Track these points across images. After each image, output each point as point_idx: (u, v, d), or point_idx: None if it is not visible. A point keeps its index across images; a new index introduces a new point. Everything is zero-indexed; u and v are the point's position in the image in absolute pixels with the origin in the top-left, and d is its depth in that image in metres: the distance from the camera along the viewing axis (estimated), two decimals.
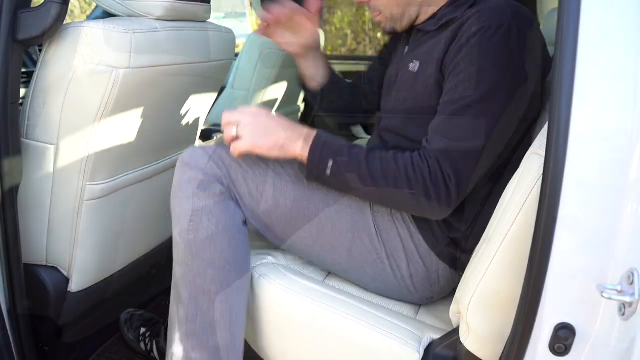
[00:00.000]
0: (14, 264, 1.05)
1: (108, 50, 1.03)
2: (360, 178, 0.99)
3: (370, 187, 0.99)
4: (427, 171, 0.96)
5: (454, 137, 0.95)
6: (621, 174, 0.69)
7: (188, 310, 1.01)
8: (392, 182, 0.97)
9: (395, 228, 1.09)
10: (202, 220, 1.00)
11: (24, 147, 1.09)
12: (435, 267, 1.09)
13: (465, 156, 0.95)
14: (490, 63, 0.94)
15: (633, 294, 0.64)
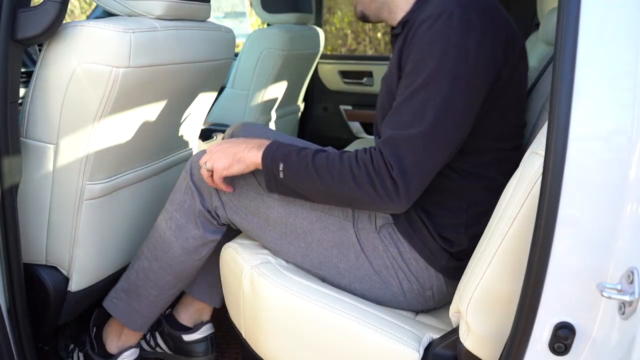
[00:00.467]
0: (13, 264, 1.05)
1: (108, 49, 1.03)
2: (309, 178, 1.00)
3: (321, 187, 0.99)
4: (370, 162, 0.95)
5: (397, 126, 0.95)
6: (621, 173, 0.69)
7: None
8: (337, 178, 0.97)
9: (382, 245, 1.08)
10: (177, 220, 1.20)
11: (24, 146, 1.09)
12: (429, 284, 1.08)
13: (406, 142, 0.93)
14: (430, 50, 0.93)
15: (633, 293, 0.64)
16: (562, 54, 0.70)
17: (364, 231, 1.09)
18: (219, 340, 1.54)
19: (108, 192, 1.22)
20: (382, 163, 0.94)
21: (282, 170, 1.02)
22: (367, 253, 1.08)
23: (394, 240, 1.07)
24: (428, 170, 0.95)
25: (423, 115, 0.92)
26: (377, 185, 0.94)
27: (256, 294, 1.07)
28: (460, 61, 0.92)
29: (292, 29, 2.18)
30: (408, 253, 1.07)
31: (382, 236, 1.08)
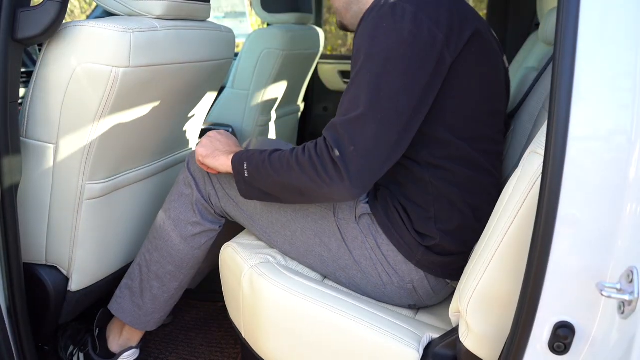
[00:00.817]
0: (13, 264, 1.05)
1: (108, 49, 1.03)
2: (266, 173, 1.04)
3: (276, 179, 1.02)
4: (314, 148, 0.98)
5: (338, 113, 0.98)
6: (620, 173, 0.69)
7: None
8: (285, 167, 1.00)
9: (361, 235, 1.09)
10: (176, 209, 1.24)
11: (24, 146, 1.09)
12: (408, 277, 1.09)
13: (344, 125, 0.95)
14: (363, 39, 0.97)
15: (632, 293, 0.64)
16: (562, 54, 0.70)
17: (344, 221, 1.10)
18: (218, 340, 1.54)
19: (108, 192, 1.22)
20: (323, 147, 0.96)
21: (247, 169, 1.07)
22: (348, 243, 1.10)
23: (372, 232, 1.09)
24: (368, 151, 0.94)
25: (359, 99, 0.94)
26: (319, 169, 0.96)
27: (256, 293, 1.07)
28: (391, 43, 0.93)
29: (292, 29, 2.18)
30: (386, 245, 1.08)
31: (362, 226, 1.09)
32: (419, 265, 1.07)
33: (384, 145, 0.95)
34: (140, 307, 1.29)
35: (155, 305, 1.29)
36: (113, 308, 1.31)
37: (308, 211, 1.12)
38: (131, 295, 1.29)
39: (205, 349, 1.50)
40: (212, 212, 1.24)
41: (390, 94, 0.94)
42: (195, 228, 1.23)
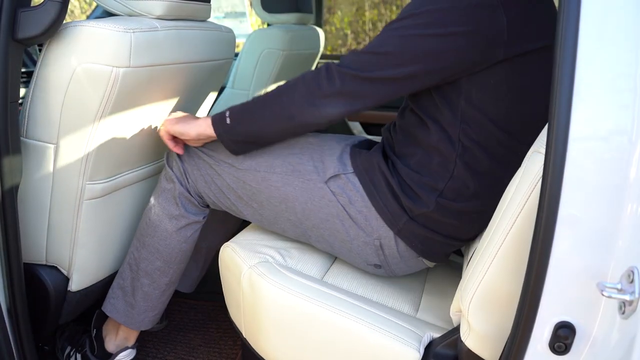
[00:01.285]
0: (13, 264, 1.05)
1: (108, 49, 1.03)
2: (252, 109, 1.08)
3: (265, 112, 1.06)
4: (314, 69, 1.02)
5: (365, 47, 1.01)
6: (621, 173, 0.69)
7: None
8: (276, 94, 1.05)
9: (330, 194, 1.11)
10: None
11: (24, 146, 1.09)
12: (377, 233, 1.09)
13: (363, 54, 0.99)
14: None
15: (633, 293, 0.64)
16: (562, 54, 0.70)
17: (311, 182, 1.12)
18: (216, 340, 1.54)
19: (108, 192, 1.22)
20: (323, 66, 1.02)
21: (228, 116, 1.10)
22: (314, 202, 1.12)
23: (346, 191, 1.10)
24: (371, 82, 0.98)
25: (388, 42, 0.97)
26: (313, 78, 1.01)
27: (255, 293, 1.07)
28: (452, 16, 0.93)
29: (292, 29, 2.18)
30: (360, 203, 1.09)
31: (330, 186, 1.11)
32: (399, 234, 1.08)
33: (386, 86, 0.98)
34: (133, 305, 1.29)
35: (148, 302, 1.29)
36: (107, 309, 1.31)
37: (270, 180, 1.14)
38: (123, 295, 1.29)
39: (204, 349, 1.50)
40: (195, 204, 1.25)
41: (422, 50, 0.95)
42: (180, 221, 1.24)
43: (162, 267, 1.27)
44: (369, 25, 5.69)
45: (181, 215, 1.24)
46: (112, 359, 1.32)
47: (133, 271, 1.28)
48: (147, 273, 1.27)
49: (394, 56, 0.96)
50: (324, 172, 1.11)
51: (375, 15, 5.67)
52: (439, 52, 0.95)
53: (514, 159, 1.02)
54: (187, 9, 1.21)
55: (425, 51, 0.95)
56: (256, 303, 1.07)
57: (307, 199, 1.12)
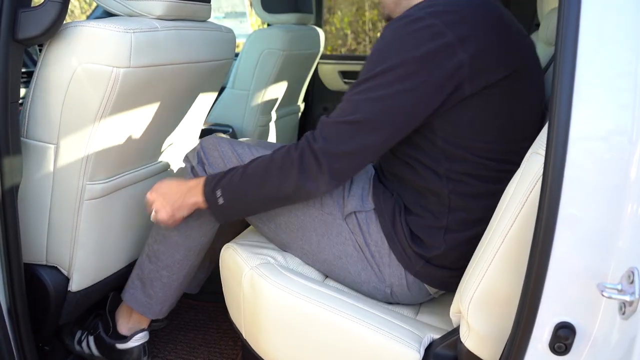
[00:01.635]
0: (14, 264, 1.05)
1: (108, 49, 1.03)
2: (245, 190, 1.06)
3: (259, 194, 1.05)
4: (293, 147, 1.01)
5: (334, 112, 0.99)
6: (621, 173, 0.69)
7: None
8: (266, 175, 1.03)
9: (347, 232, 1.09)
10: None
11: (24, 146, 1.09)
12: (389, 281, 1.08)
13: (338, 125, 0.97)
14: (384, 47, 0.95)
15: (633, 293, 0.64)
16: (562, 54, 0.70)
17: (331, 216, 1.10)
18: (217, 341, 1.54)
19: (108, 192, 1.22)
20: (304, 142, 0.99)
21: (221, 196, 1.08)
22: (330, 238, 1.10)
23: (363, 231, 1.08)
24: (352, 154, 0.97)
25: (358, 106, 0.95)
26: (298, 162, 0.99)
27: (256, 294, 1.07)
28: (409, 61, 0.92)
29: (292, 29, 2.18)
30: (374, 246, 1.08)
31: (349, 223, 1.09)
32: (417, 275, 1.07)
33: (370, 150, 0.98)
34: (151, 296, 1.31)
35: (166, 293, 1.31)
36: (126, 298, 1.33)
37: (291, 207, 1.13)
38: (142, 286, 1.31)
39: (204, 350, 1.50)
40: None
41: (392, 109, 0.94)
42: (200, 216, 1.22)
43: (181, 261, 1.28)
44: (369, 25, 5.69)
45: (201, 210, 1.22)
46: (127, 340, 1.34)
47: (153, 263, 1.29)
48: (167, 265, 1.28)
49: (368, 122, 0.95)
50: (343, 207, 1.10)
51: (375, 15, 5.67)
52: (409, 107, 0.94)
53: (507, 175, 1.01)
54: (187, 9, 1.21)
55: (396, 110, 0.94)
56: (257, 304, 1.07)
57: (324, 232, 1.11)
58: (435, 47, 0.91)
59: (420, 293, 1.11)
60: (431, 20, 0.92)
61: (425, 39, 0.92)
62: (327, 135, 0.97)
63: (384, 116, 0.95)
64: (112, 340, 1.35)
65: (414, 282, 1.08)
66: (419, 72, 0.92)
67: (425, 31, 0.92)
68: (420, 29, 0.92)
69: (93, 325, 1.40)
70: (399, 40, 0.94)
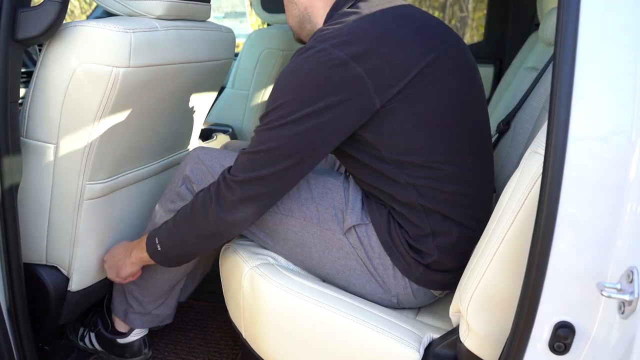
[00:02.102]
0: (13, 264, 1.05)
1: (108, 49, 1.03)
2: (176, 230, 1.10)
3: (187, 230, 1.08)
4: (212, 185, 1.05)
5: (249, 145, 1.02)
6: (620, 173, 0.69)
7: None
8: (190, 213, 1.07)
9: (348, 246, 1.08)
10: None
11: (24, 146, 1.09)
12: (395, 291, 1.08)
13: (247, 155, 1.00)
14: (285, 78, 0.98)
15: (633, 293, 0.64)
16: (562, 54, 0.70)
17: (330, 232, 1.09)
18: (217, 340, 1.54)
19: (108, 192, 1.22)
20: (220, 176, 1.04)
21: (158, 242, 1.13)
22: (331, 253, 1.09)
23: (364, 244, 1.07)
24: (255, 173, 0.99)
25: (263, 137, 0.98)
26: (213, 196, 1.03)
27: (256, 294, 1.07)
28: (312, 89, 0.94)
29: None
30: (377, 259, 1.07)
31: (349, 238, 1.08)
32: (417, 282, 1.07)
33: (284, 174, 1.00)
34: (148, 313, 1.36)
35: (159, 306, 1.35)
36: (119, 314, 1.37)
37: (288, 224, 1.12)
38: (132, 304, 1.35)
39: (204, 349, 1.50)
40: None
41: (297, 137, 0.96)
42: None
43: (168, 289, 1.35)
44: None
45: None
46: (127, 335, 1.37)
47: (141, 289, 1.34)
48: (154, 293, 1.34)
49: (274, 151, 0.97)
50: (343, 222, 1.09)
51: None
52: (313, 131, 0.96)
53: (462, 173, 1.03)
54: (187, 9, 1.21)
55: (296, 138, 0.96)
56: (257, 304, 1.07)
57: (324, 247, 1.10)
58: (330, 67, 0.93)
59: (425, 297, 1.11)
60: (322, 45, 0.94)
61: (320, 63, 0.94)
62: (239, 165, 1.01)
63: (287, 145, 0.97)
64: (112, 335, 1.38)
65: (419, 289, 1.09)
66: (317, 97, 0.94)
67: (318, 56, 0.94)
68: (312, 55, 0.94)
69: (93, 322, 1.42)
70: (295, 71, 0.96)
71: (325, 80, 0.94)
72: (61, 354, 1.41)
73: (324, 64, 0.93)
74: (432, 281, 1.07)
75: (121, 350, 1.38)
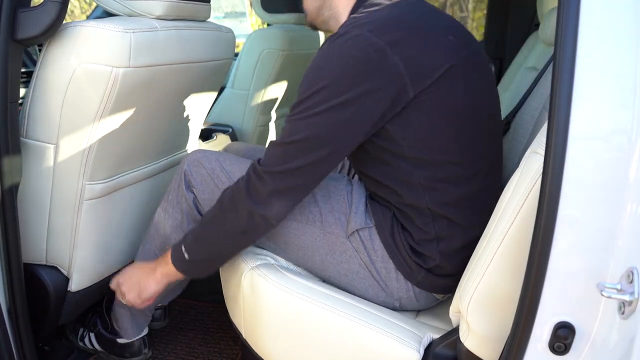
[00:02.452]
0: (13, 264, 1.05)
1: (108, 49, 1.03)
2: (204, 229, 1.07)
3: (215, 233, 1.05)
4: (241, 179, 1.01)
5: (280, 134, 0.99)
6: (621, 173, 0.69)
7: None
8: (220, 213, 1.04)
9: (352, 250, 1.08)
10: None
11: (24, 146, 1.09)
12: (397, 294, 1.08)
13: (281, 146, 0.97)
14: (320, 65, 0.95)
15: (633, 293, 0.64)
16: (562, 54, 0.70)
17: (333, 235, 1.09)
18: (217, 341, 1.54)
19: (108, 192, 1.22)
20: (249, 168, 1.00)
21: (185, 252, 1.08)
22: (334, 256, 1.09)
23: (367, 248, 1.07)
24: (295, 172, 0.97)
25: (298, 126, 0.95)
26: (243, 189, 0.99)
27: (256, 294, 1.07)
28: (347, 77, 0.92)
29: (292, 29, 2.18)
30: (380, 262, 1.07)
31: (352, 241, 1.08)
32: (419, 285, 1.07)
33: (316, 166, 0.97)
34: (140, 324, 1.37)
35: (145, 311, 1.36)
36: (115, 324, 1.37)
37: (290, 227, 1.11)
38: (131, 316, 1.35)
39: (204, 349, 1.50)
40: None
41: (331, 125, 0.94)
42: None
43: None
44: None
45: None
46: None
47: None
48: None
49: (309, 141, 0.95)
50: (346, 226, 1.08)
51: None
52: (350, 118, 0.93)
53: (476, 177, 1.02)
54: (187, 9, 1.21)
55: (336, 125, 0.94)
56: (257, 304, 1.07)
57: (327, 251, 1.09)
58: (367, 53, 0.91)
59: (427, 300, 1.11)
60: (357, 31, 0.92)
61: (358, 49, 0.91)
62: (271, 156, 0.98)
63: (324, 133, 0.94)
64: (111, 335, 1.38)
65: (421, 292, 1.09)
66: (355, 83, 0.92)
67: (355, 41, 0.92)
68: (349, 40, 0.92)
69: (92, 322, 1.42)
70: (331, 56, 0.94)
71: (363, 66, 0.91)
72: (61, 354, 1.41)
73: (362, 50, 0.91)
74: (434, 285, 1.07)
75: (121, 350, 1.38)
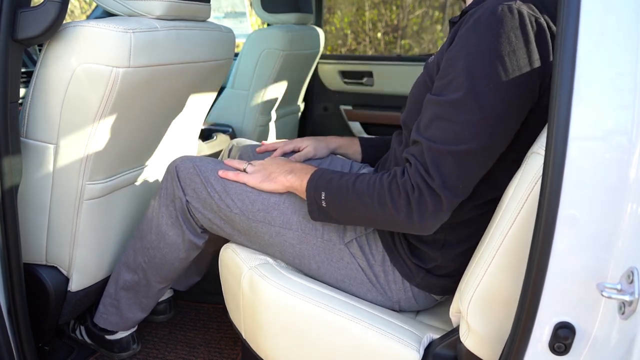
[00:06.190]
0: (13, 264, 1.05)
1: (108, 49, 1.03)
2: (351, 205, 0.97)
3: (363, 213, 0.96)
4: (409, 185, 0.89)
5: (446, 139, 0.87)
6: (621, 173, 0.69)
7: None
8: (377, 203, 0.93)
9: (349, 256, 1.08)
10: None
11: (24, 146, 1.09)
12: (396, 297, 1.08)
13: (456, 155, 0.86)
14: (477, 54, 0.84)
15: (633, 293, 0.64)
16: (562, 54, 0.70)
17: (330, 243, 1.08)
18: (217, 341, 1.54)
19: (108, 192, 1.22)
20: (418, 178, 0.88)
21: (324, 199, 1.00)
22: (331, 263, 1.09)
23: (365, 253, 1.07)
24: (466, 185, 0.89)
25: (472, 128, 0.85)
26: (414, 200, 0.89)
27: (255, 294, 1.07)
28: (511, 65, 0.83)
29: (292, 29, 2.18)
30: (379, 266, 1.06)
31: (350, 248, 1.07)
32: (418, 286, 1.07)
33: (485, 170, 0.90)
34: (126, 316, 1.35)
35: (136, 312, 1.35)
36: (101, 323, 1.35)
37: (286, 237, 1.10)
38: (117, 311, 1.34)
39: (204, 349, 1.50)
40: (195, 225, 1.21)
41: (500, 129, 0.85)
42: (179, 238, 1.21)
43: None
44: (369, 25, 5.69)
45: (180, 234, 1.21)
46: (113, 334, 1.38)
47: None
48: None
49: (487, 148, 0.86)
50: (344, 233, 1.07)
51: (375, 15, 5.67)
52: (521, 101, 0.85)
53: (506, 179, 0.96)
54: (187, 9, 1.21)
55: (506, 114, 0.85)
56: (256, 304, 1.07)
57: (324, 258, 1.09)
58: (530, 31, 0.83)
59: (426, 301, 1.11)
60: (508, 5, 0.83)
61: (519, 26, 0.83)
62: (444, 169, 0.87)
63: (494, 138, 0.86)
64: (100, 332, 1.39)
65: (419, 292, 1.08)
66: (520, 61, 0.83)
67: (516, 17, 0.83)
68: (506, 13, 0.83)
69: (82, 316, 1.43)
70: (489, 34, 0.83)
71: (525, 43, 0.83)
72: (61, 354, 1.41)
73: (528, 25, 0.83)
74: (433, 286, 1.07)
75: (110, 345, 1.39)
